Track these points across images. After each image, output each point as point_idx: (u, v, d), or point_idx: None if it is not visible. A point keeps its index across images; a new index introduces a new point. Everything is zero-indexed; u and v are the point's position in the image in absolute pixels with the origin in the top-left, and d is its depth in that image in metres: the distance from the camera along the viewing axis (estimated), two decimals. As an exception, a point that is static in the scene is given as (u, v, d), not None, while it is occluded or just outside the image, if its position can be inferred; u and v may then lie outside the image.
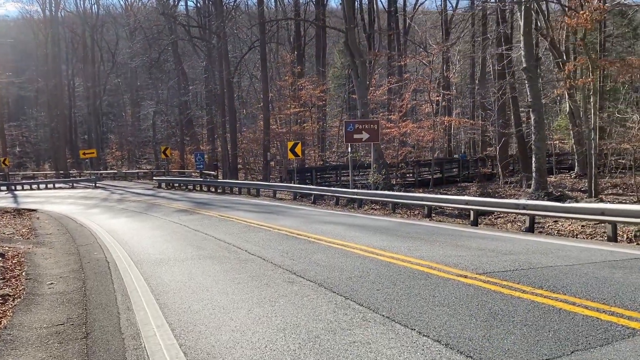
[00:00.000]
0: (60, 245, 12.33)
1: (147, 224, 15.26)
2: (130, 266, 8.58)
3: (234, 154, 34.95)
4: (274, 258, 8.35)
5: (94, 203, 25.48)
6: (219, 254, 9.18)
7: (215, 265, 8.09)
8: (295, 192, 22.34)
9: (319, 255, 8.41)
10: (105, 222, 16.31)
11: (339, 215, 15.56)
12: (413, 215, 15.47)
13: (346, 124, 19.99)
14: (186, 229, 13.13)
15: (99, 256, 10.02)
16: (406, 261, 7.50)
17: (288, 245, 9.60)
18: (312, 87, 35.36)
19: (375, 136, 20.12)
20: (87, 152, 42.35)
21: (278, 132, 35.56)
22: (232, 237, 11.09)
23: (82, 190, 37.66)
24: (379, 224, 12.89)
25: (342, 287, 6.08)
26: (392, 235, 10.57)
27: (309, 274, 6.90)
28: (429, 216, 14.22)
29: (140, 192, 32.52)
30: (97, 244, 11.83)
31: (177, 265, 8.38)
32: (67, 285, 7.63)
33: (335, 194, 19.12)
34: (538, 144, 18.28)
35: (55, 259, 10.48)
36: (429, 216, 14.23)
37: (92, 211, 21.14)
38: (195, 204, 21.38)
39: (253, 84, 46.02)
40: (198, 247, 10.11)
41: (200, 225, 13.76)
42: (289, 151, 23.89)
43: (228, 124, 35.46)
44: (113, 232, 13.67)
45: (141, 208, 20.91)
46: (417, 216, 15.09)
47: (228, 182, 28.09)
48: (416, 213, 15.87)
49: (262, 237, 11.01)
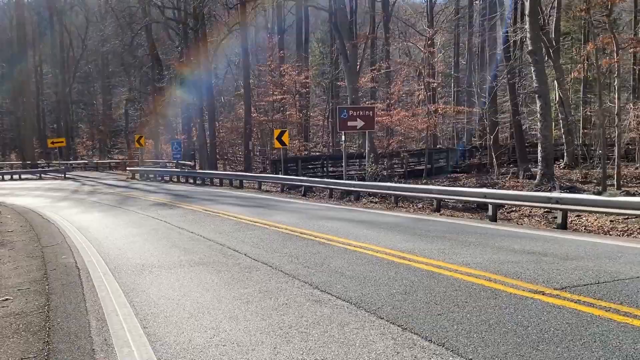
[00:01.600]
0: (22, 246, 10.64)
1: (123, 219, 13.61)
2: (106, 275, 7.04)
3: (213, 143, 33.20)
4: (282, 265, 6.91)
5: (63, 195, 23.55)
6: (213, 258, 7.69)
7: (213, 275, 6.61)
8: (283, 183, 20.84)
9: (337, 261, 7.00)
10: (75, 218, 14.59)
11: (338, 209, 14.16)
12: (418, 209, 14.16)
13: (339, 110, 18.57)
14: (168, 227, 11.57)
15: (67, 261, 8.42)
16: (451, 269, 6.15)
17: (295, 248, 8.16)
18: (295, 74, 33.75)
19: (370, 124, 18.76)
20: (55, 141, 39.98)
21: (259, 121, 33.90)
22: (224, 237, 9.59)
23: (50, 182, 35.43)
24: (387, 219, 11.53)
25: (388, 310, 4.69)
26: (412, 234, 9.22)
27: (336, 289, 5.49)
28: (438, 210, 12.94)
29: (113, 183, 30.58)
30: (66, 244, 10.20)
31: (163, 274, 6.87)
32: (26, 303, 6.05)
33: (329, 185, 17.70)
34: (545, 132, 17.19)
35: (14, 263, 8.82)
36: (438, 210, 12.94)
37: (61, 204, 19.31)
38: (174, 197, 19.73)
39: (231, 70, 44.11)
40: (186, 249, 8.59)
41: (184, 222, 12.20)
42: (275, 140, 22.37)
43: (206, 112, 33.62)
44: (84, 229, 12.02)
45: (115, 201, 19.16)
46: (423, 210, 13.79)
47: (208, 173, 26.39)
48: (420, 207, 14.57)
49: (259, 236, 9.54)
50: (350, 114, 18.43)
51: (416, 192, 14.00)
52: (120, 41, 43.39)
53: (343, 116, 18.37)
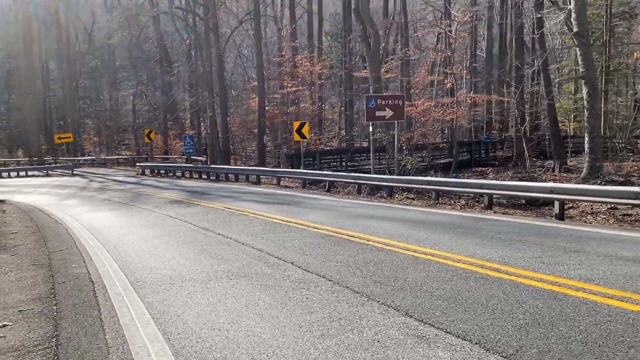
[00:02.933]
0: (27, 251, 9.37)
1: (138, 219, 12.33)
2: (126, 291, 5.75)
3: (226, 137, 31.88)
4: (345, 278, 5.59)
5: (71, 193, 22.33)
6: (254, 268, 6.38)
7: (261, 293, 5.29)
8: (304, 178, 19.51)
9: (412, 273, 5.68)
10: (85, 217, 13.33)
11: (373, 206, 12.80)
12: (463, 206, 12.77)
13: (367, 99, 17.18)
14: (190, 227, 10.27)
15: (79, 271, 7.14)
16: (576, 288, 4.82)
17: (349, 255, 6.83)
18: (310, 64, 32.36)
19: (400, 113, 17.37)
20: (62, 137, 38.83)
21: (273, 114, 32.55)
22: (259, 240, 8.28)
23: (57, 178, 34.26)
24: (438, 218, 10.18)
25: (536, 357, 3.35)
26: (481, 236, 7.86)
27: (436, 318, 4.16)
28: (489, 207, 11.57)
29: (123, 179, 29.36)
30: (76, 248, 8.92)
31: (198, 290, 5.57)
32: (29, 332, 4.76)
33: (358, 180, 16.34)
34: (592, 120, 15.79)
35: (17, 273, 7.55)
36: (490, 207, 11.57)
37: (69, 202, 18.08)
38: (190, 194, 18.46)
39: (242, 63, 42.75)
40: (219, 256, 7.29)
41: (207, 222, 10.90)
42: (294, 133, 21.02)
43: (218, 105, 32.32)
44: (96, 230, 10.75)
45: (126, 198, 17.90)
46: (471, 207, 12.41)
47: (223, 168, 25.08)
48: (464, 203, 13.19)
49: (300, 239, 8.22)
50: (379, 103, 17.05)
51: (463, 187, 12.61)
52: (128, 33, 41.99)
53: (371, 105, 16.99)
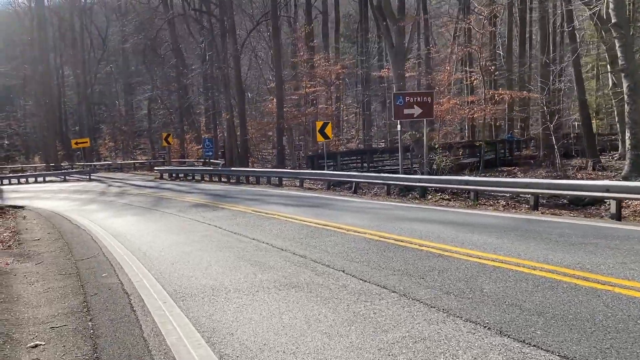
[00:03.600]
0: (51, 259, 8.90)
1: (164, 224, 11.84)
2: (166, 304, 5.21)
3: (244, 139, 31.43)
4: (412, 290, 5.01)
5: (90, 198, 21.99)
6: (303, 277, 5.82)
7: (319, 306, 4.72)
8: (329, 180, 18.94)
9: (488, 283, 5.07)
10: (107, 222, 12.89)
11: (409, 208, 12.18)
12: (505, 206, 12.11)
13: (395, 97, 16.58)
14: (222, 232, 9.74)
15: (110, 281, 6.63)
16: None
17: (404, 262, 6.24)
18: (327, 64, 31.81)
19: (428, 111, 16.75)
20: (79, 142, 38.68)
21: (293, 115, 32.05)
22: (299, 246, 7.72)
23: (75, 184, 34.07)
24: (487, 220, 9.54)
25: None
26: (544, 240, 7.21)
27: (544, 340, 3.57)
28: (536, 207, 10.90)
29: (141, 184, 29.01)
30: (104, 256, 8.43)
31: (247, 302, 5.02)
32: (65, 353, 4.24)
33: (387, 181, 15.73)
34: (634, 115, 15.02)
35: (44, 284, 7.07)
36: (536, 207, 10.90)
37: (89, 207, 17.71)
38: (213, 197, 17.98)
39: (258, 65, 42.33)
40: (260, 263, 6.74)
41: (238, 226, 10.37)
42: (317, 133, 20.50)
43: (236, 107, 31.90)
44: (121, 236, 10.27)
45: (148, 203, 17.48)
46: (515, 208, 11.73)
47: (244, 171, 24.59)
48: (504, 204, 12.51)
49: (343, 244, 7.65)
50: (407, 100, 16.44)
51: (507, 186, 11.93)
52: (144, 36, 41.77)
53: (399, 103, 16.38)
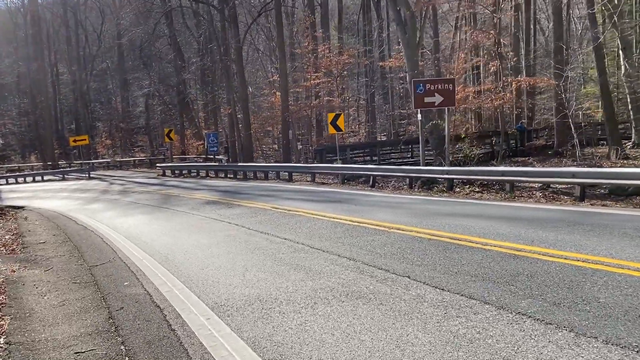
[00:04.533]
0: (62, 265, 8.06)
1: (178, 223, 10.99)
2: (212, 322, 4.40)
3: (248, 134, 30.50)
4: (508, 300, 4.20)
5: (92, 196, 21.10)
6: (363, 285, 5.00)
7: (404, 325, 3.91)
8: (344, 174, 18.11)
9: (602, 291, 4.28)
10: (116, 222, 12.05)
11: (444, 202, 11.33)
12: (548, 197, 11.29)
13: (415, 84, 15.72)
14: (246, 232, 8.91)
15: (135, 291, 5.81)
16: None
17: (477, 264, 5.44)
18: (332, 55, 30.87)
19: (450, 99, 15.91)
20: (78, 139, 37.65)
21: (298, 107, 31.14)
22: (340, 246, 6.91)
23: (74, 182, 33.12)
24: (540, 214, 8.72)
25: None
26: (628, 237, 6.42)
27: None
28: (582, 199, 10.10)
29: (144, 181, 28.12)
30: (120, 261, 7.60)
31: (308, 317, 4.20)
32: (99, 390, 3.41)
33: (409, 174, 14.90)
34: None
35: (58, 295, 6.24)
36: (582, 199, 10.10)
37: (93, 207, 16.84)
38: (223, 193, 17.13)
39: (259, 58, 41.36)
40: (302, 267, 5.92)
41: (261, 224, 9.54)
42: (329, 125, 19.64)
43: (239, 101, 30.95)
44: (135, 238, 9.44)
45: (155, 201, 16.61)
46: (556, 200, 10.92)
47: (251, 166, 23.68)
48: (541, 195, 11.70)
49: (392, 244, 6.84)
50: (428, 88, 15.59)
51: (549, 176, 11.11)
52: (141, 30, 40.70)
53: (419, 91, 15.54)
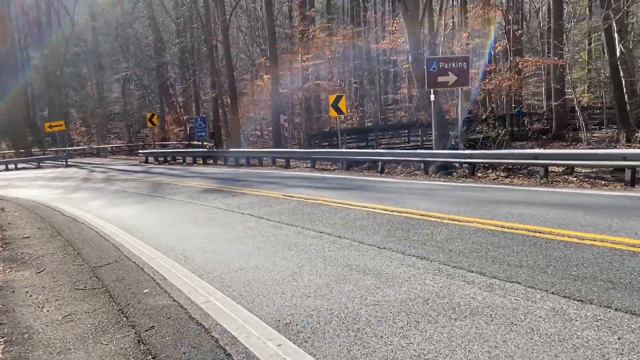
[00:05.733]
0: (56, 265, 6.82)
1: (181, 213, 9.77)
2: (285, 349, 3.30)
3: (235, 118, 29.14)
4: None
5: (74, 185, 19.62)
6: (464, 294, 3.95)
7: (562, 355, 2.85)
8: (348, 159, 17.03)
9: None
10: (108, 213, 10.77)
11: (478, 188, 10.30)
12: (586, 182, 10.38)
13: (428, 62, 14.66)
14: (268, 224, 7.77)
15: (161, 302, 4.64)
16: None
17: (594, 263, 4.43)
18: (324, 35, 29.58)
19: (464, 78, 14.91)
20: (54, 125, 35.69)
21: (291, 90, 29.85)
22: (397, 242, 5.85)
23: (51, 170, 31.36)
24: (602, 201, 7.80)
25: None
26: None
27: None
28: (632, 184, 9.22)
29: (127, 168, 26.60)
30: (129, 260, 6.41)
31: (422, 344, 3.13)
32: None
33: (426, 158, 13.87)
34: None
35: (59, 306, 5.03)
36: (632, 184, 9.22)
37: (77, 196, 15.46)
38: (220, 181, 15.91)
39: (245, 41, 39.78)
40: (368, 270, 4.84)
41: (281, 215, 8.42)
42: (330, 108, 18.52)
43: (225, 84, 29.51)
44: (136, 230, 8.25)
45: (145, 189, 15.30)
46: (597, 185, 10.02)
47: (245, 152, 22.37)
48: (571, 179, 10.81)
49: (458, 238, 5.81)
50: (441, 66, 14.54)
51: (592, 159, 10.19)
52: (118, 10, 38.72)
53: (432, 69, 14.48)
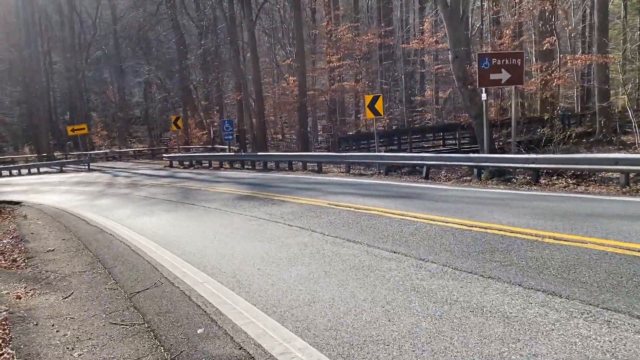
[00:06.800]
0: (85, 289, 5.85)
1: (220, 224, 8.77)
2: None
3: (262, 122, 28.19)
4: None
5: (98, 190, 18.82)
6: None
7: None
8: (388, 163, 15.93)
9: None
10: (138, 223, 9.83)
11: (558, 198, 9.13)
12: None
13: (480, 58, 13.51)
14: (325, 240, 6.73)
15: (224, 350, 3.61)
16: None
17: None
18: (351, 36, 28.51)
19: (518, 76, 13.72)
20: (76, 128, 35.20)
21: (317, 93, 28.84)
22: (501, 268, 4.77)
23: (74, 174, 30.75)
24: None
25: None
26: None
27: None
28: None
29: (151, 173, 25.81)
30: (171, 284, 5.42)
31: None
32: None
33: (479, 162, 12.69)
34: None
35: (93, 348, 4.03)
36: None
37: (102, 203, 14.59)
38: (252, 187, 14.91)
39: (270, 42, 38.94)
40: (489, 312, 3.76)
41: (334, 227, 7.39)
42: (366, 108, 17.44)
43: (252, 84, 28.62)
44: (173, 246, 7.27)
45: (174, 195, 14.36)
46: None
47: (274, 156, 21.41)
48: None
49: (588, 266, 4.69)
50: (494, 63, 13.38)
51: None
52: (141, 13, 38.16)
53: (484, 66, 13.32)
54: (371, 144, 25.09)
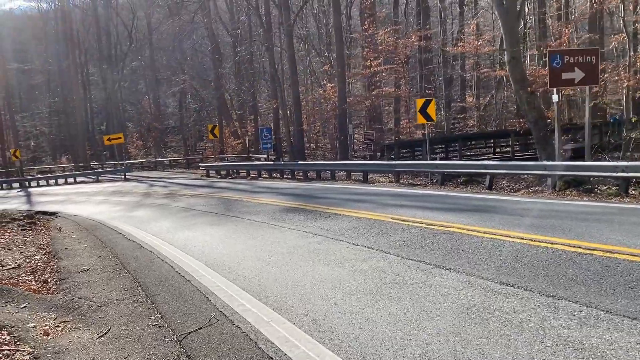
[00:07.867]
0: (125, 323, 4.85)
1: (272, 242, 7.70)
2: None
3: (300, 130, 27.24)
4: None
5: (134, 201, 18.11)
6: None
7: None
8: (444, 172, 14.68)
9: None
10: (180, 239, 8.88)
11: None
12: None
13: (551, 56, 12.22)
14: (405, 265, 5.61)
15: None
16: None
17: None
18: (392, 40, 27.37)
19: (593, 76, 12.38)
20: (113, 138, 34.98)
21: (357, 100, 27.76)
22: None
23: (110, 184, 30.38)
24: None
25: None
26: None
27: None
28: None
29: (188, 182, 25.11)
30: (230, 323, 4.38)
31: None
32: None
33: (553, 171, 11.34)
34: None
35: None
36: None
37: (139, 214, 13.79)
38: (296, 197, 13.88)
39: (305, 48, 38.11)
40: None
41: (412, 248, 6.26)
42: (417, 113, 16.25)
43: (290, 91, 27.74)
44: (224, 268, 6.24)
45: (215, 207, 13.40)
46: None
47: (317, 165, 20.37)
48: None
49: None
50: (566, 61, 12.07)
51: None
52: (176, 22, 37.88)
53: (556, 64, 12.03)
54: (416, 152, 23.85)
